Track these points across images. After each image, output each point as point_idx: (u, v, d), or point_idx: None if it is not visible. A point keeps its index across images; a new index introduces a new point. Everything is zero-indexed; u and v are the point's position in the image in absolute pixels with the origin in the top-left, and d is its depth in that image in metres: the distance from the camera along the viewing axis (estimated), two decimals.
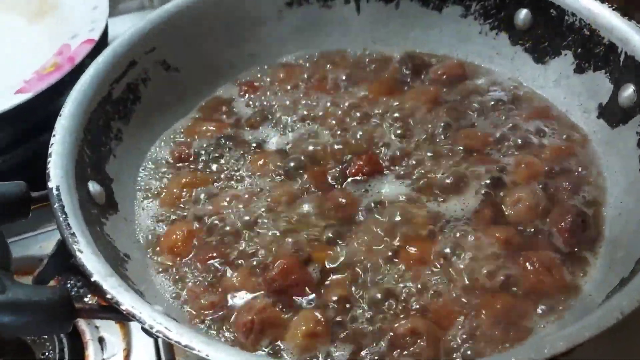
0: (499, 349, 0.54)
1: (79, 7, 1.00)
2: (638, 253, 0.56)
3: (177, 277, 0.63)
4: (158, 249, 0.65)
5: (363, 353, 0.55)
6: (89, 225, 0.57)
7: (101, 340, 0.75)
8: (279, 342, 0.57)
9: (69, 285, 0.80)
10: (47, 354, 0.73)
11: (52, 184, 0.58)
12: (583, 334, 0.44)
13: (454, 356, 0.55)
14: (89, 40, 0.92)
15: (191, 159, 0.75)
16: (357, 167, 0.71)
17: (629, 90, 0.69)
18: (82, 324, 0.76)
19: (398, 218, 0.65)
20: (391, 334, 0.56)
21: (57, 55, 0.91)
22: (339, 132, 0.77)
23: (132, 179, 0.72)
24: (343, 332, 0.57)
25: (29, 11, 1.07)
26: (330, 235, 0.64)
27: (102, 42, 0.93)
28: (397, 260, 0.62)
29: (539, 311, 0.57)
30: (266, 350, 0.56)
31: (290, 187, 0.70)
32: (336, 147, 0.74)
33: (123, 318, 0.49)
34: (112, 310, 0.50)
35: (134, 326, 0.76)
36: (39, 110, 0.87)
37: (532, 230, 0.63)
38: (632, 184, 0.65)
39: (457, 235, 0.63)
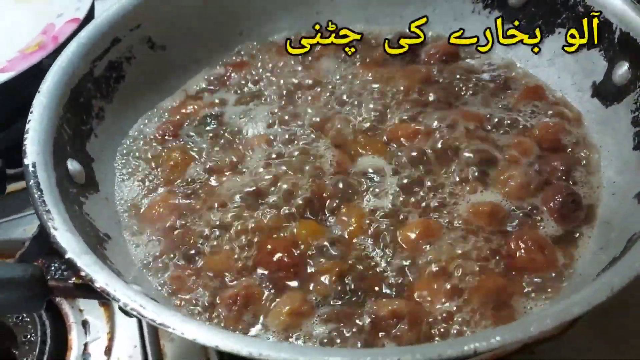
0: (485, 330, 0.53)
1: None
2: (631, 232, 0.54)
3: (159, 258, 0.61)
4: (139, 228, 0.64)
5: (345, 334, 0.54)
6: (67, 204, 0.56)
7: (85, 324, 0.74)
8: (261, 319, 0.55)
9: (53, 268, 0.78)
10: (29, 336, 0.71)
11: (28, 161, 0.56)
12: (571, 311, 0.42)
13: (437, 338, 0.53)
14: (74, 19, 0.90)
15: (177, 137, 0.73)
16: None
17: (623, 68, 0.67)
18: (65, 306, 0.75)
19: (387, 196, 0.64)
20: (373, 316, 0.55)
21: (41, 34, 0.89)
22: (329, 112, 0.75)
23: (114, 158, 0.70)
24: (327, 312, 0.55)
25: None
26: (319, 214, 0.63)
27: (88, 21, 0.91)
28: (383, 239, 0.60)
29: (530, 291, 0.56)
30: (248, 325, 0.55)
31: (277, 166, 0.68)
32: (326, 127, 0.73)
33: (98, 297, 0.47)
34: (87, 289, 0.48)
35: (118, 309, 0.74)
36: (23, 91, 0.85)
37: (524, 209, 0.62)
38: (626, 163, 0.63)
39: (447, 213, 0.62)
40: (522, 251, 0.57)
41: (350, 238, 0.61)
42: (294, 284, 0.58)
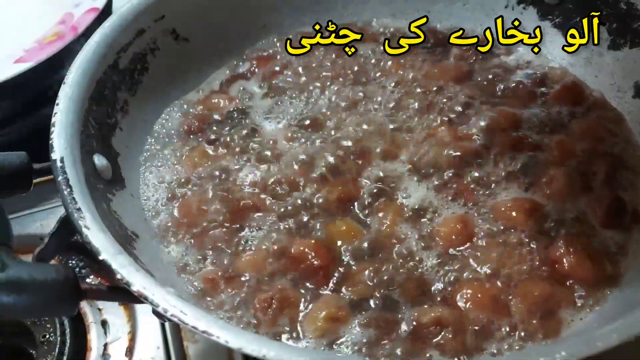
0: (535, 342, 0.50)
1: None
2: None
3: (189, 258, 0.59)
4: (167, 226, 0.61)
5: (384, 341, 0.52)
6: (95, 201, 0.53)
7: (104, 323, 0.72)
8: (297, 324, 0.53)
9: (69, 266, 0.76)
10: (47, 336, 0.69)
11: (55, 155, 0.53)
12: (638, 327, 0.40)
13: (484, 348, 0.51)
14: (92, 9, 0.88)
15: (202, 132, 0.71)
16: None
17: None
18: (84, 306, 0.73)
19: (423, 195, 0.62)
20: (414, 323, 0.52)
21: (59, 23, 0.87)
22: (359, 108, 0.72)
23: (139, 153, 0.68)
24: (366, 318, 0.53)
25: None
26: (353, 212, 0.61)
27: (106, 11, 0.89)
28: (421, 238, 0.58)
29: (576, 301, 0.54)
30: (284, 330, 0.53)
31: (307, 162, 0.66)
32: (357, 123, 0.70)
33: (133, 300, 0.45)
34: (121, 292, 0.46)
35: (139, 309, 0.72)
36: (40, 82, 0.83)
37: (567, 212, 0.60)
38: None
39: (486, 212, 0.60)
40: (570, 257, 0.55)
41: (386, 238, 0.59)
42: (329, 286, 0.56)
